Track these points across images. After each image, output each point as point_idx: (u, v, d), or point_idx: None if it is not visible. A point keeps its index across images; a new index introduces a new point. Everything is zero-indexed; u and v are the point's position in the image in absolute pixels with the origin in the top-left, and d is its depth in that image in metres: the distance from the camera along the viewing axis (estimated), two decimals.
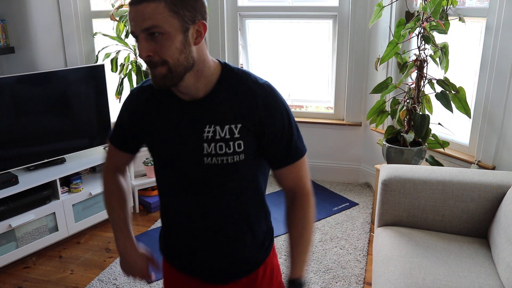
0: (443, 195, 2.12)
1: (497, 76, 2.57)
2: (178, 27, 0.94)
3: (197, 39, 0.99)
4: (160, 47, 0.94)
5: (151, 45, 0.94)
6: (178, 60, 0.96)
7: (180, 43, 0.96)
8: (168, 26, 0.93)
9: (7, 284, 2.55)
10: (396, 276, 1.79)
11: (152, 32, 0.93)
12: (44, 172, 2.85)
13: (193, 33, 0.98)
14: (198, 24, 0.99)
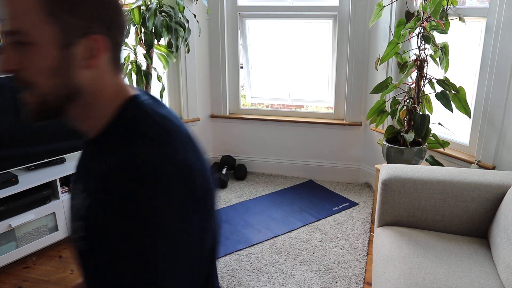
0: (443, 195, 2.12)
1: (497, 76, 2.57)
2: (53, 40, 0.65)
3: (89, 60, 0.68)
4: (25, 61, 0.65)
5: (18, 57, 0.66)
6: (48, 87, 0.67)
7: (51, 62, 0.66)
8: (38, 34, 0.64)
9: (7, 284, 2.55)
10: (396, 276, 1.79)
11: (17, 41, 0.65)
12: (44, 172, 2.85)
13: (81, 52, 0.67)
14: (93, 39, 0.67)
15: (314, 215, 3.24)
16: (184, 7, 3.24)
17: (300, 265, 2.65)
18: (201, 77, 3.80)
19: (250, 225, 3.10)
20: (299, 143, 3.84)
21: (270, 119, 3.83)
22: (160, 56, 3.33)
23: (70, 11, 0.64)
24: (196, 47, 3.67)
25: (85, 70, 0.68)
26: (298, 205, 3.40)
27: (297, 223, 3.12)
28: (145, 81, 3.16)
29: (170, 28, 3.07)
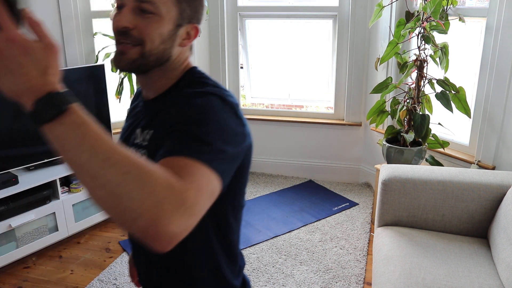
0: (443, 195, 2.12)
1: (497, 76, 2.57)
2: (173, 18, 0.86)
3: (184, 40, 0.90)
4: (145, 25, 0.84)
5: (135, 19, 0.83)
6: (156, 48, 0.86)
7: (167, 33, 0.86)
8: (165, 10, 0.84)
9: (7, 284, 2.55)
10: (396, 276, 1.79)
11: (144, 9, 0.83)
12: (44, 172, 2.85)
13: (183, 33, 0.89)
14: (192, 27, 0.90)
15: (314, 215, 3.24)
16: None
17: (300, 265, 2.65)
18: None
19: (250, 225, 3.10)
20: (299, 143, 3.84)
21: (270, 119, 3.84)
22: None
23: (188, 3, 0.87)
24: (196, 47, 3.67)
25: (179, 46, 0.90)
26: (298, 205, 3.40)
27: (297, 223, 3.12)
28: None
29: None
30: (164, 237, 0.58)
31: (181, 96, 0.86)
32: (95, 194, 0.59)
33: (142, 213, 0.57)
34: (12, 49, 0.57)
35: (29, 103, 0.59)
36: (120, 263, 2.70)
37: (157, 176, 0.60)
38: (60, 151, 0.61)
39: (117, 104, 3.25)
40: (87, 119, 0.63)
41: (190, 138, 0.74)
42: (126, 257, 2.77)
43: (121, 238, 3.01)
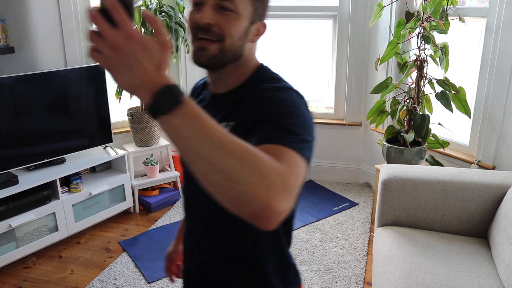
0: (443, 195, 2.12)
1: (497, 76, 2.57)
2: (249, 15, 0.92)
3: (255, 37, 0.97)
4: (226, 22, 0.90)
5: (216, 16, 0.90)
6: (234, 44, 0.92)
7: (244, 29, 0.93)
8: (242, 8, 0.91)
9: (7, 284, 2.55)
10: (396, 276, 1.79)
11: (224, 6, 0.89)
12: (44, 172, 2.85)
13: (254, 30, 0.96)
14: (262, 24, 0.98)
15: (314, 215, 3.24)
16: (184, 8, 3.24)
17: (300, 265, 2.65)
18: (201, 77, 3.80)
19: None
20: None
21: None
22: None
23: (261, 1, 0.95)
24: None
25: (250, 42, 0.97)
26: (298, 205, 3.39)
27: (297, 223, 3.12)
28: None
29: (170, 28, 3.07)
30: (273, 217, 0.64)
31: (261, 90, 0.93)
32: (211, 180, 0.63)
33: (256, 196, 0.61)
34: (132, 46, 0.59)
35: (146, 96, 0.62)
36: (120, 263, 2.70)
37: (267, 162, 0.65)
38: (177, 141, 0.63)
39: (117, 104, 3.25)
40: (199, 109, 0.64)
41: (281, 128, 0.81)
42: (126, 257, 2.77)
43: (121, 238, 3.01)
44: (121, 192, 3.22)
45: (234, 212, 0.65)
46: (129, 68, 0.60)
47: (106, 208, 3.14)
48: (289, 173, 0.69)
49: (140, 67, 0.60)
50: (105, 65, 0.61)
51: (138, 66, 0.60)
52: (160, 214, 3.33)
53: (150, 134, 3.35)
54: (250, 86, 0.97)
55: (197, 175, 0.64)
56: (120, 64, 0.60)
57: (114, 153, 3.18)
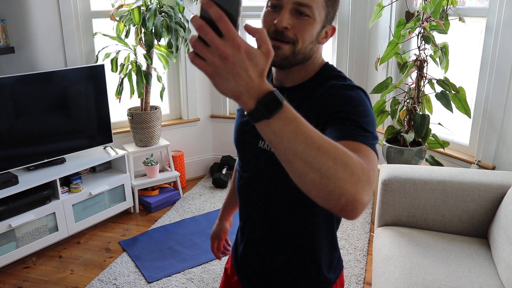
0: (443, 195, 2.12)
1: (497, 76, 2.57)
2: (322, 20, 0.98)
3: (323, 39, 1.03)
4: (301, 27, 0.95)
5: (292, 21, 0.95)
6: (306, 47, 0.98)
7: (316, 34, 0.98)
8: (317, 13, 0.96)
9: (7, 284, 2.55)
10: (396, 276, 1.80)
11: (301, 11, 0.94)
12: (44, 172, 2.85)
13: (324, 32, 1.01)
14: (331, 27, 1.03)
15: None
16: (184, 8, 3.24)
17: None
18: (201, 77, 3.80)
19: None
20: None
21: None
22: (160, 56, 3.33)
23: (333, 7, 1.00)
24: None
25: (318, 44, 1.02)
26: None
27: None
28: (145, 81, 3.16)
29: (170, 28, 3.07)
30: (359, 208, 0.70)
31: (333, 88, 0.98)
32: (308, 177, 0.68)
33: (346, 190, 0.68)
34: (239, 55, 0.62)
35: (250, 102, 0.66)
36: (120, 263, 2.70)
37: (354, 160, 0.71)
38: (276, 143, 0.67)
39: (117, 104, 3.26)
40: (297, 113, 0.69)
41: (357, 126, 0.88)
42: (126, 257, 2.77)
43: (121, 238, 3.01)
44: (121, 192, 3.22)
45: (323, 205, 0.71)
46: (235, 76, 0.63)
47: (106, 208, 3.14)
48: (370, 168, 0.75)
49: (246, 75, 0.64)
50: (210, 73, 0.63)
51: (244, 74, 0.63)
52: (160, 214, 3.33)
53: (150, 134, 3.35)
54: (317, 83, 1.03)
55: (294, 173, 0.69)
56: (227, 72, 0.63)
57: (114, 153, 3.18)
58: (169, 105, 3.80)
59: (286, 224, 1.10)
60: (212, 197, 3.57)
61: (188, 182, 3.88)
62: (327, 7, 0.98)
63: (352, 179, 0.68)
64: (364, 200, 0.70)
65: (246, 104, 0.66)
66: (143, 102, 3.34)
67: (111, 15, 3.11)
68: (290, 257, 1.11)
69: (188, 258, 2.74)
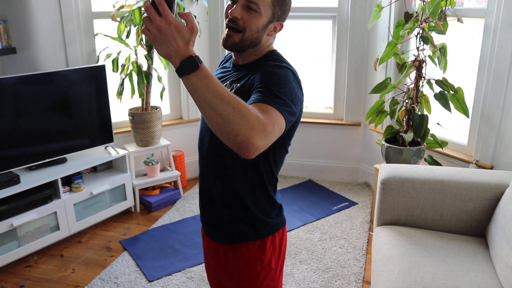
0: (441, 195, 2.14)
1: (495, 76, 2.59)
2: (268, 16, 1.22)
3: (271, 32, 1.28)
4: (248, 18, 1.21)
5: (243, 13, 1.21)
6: (252, 36, 1.23)
7: (261, 26, 1.23)
8: (264, 10, 1.21)
9: (9, 283, 2.56)
10: (395, 275, 1.81)
11: (250, 6, 1.19)
12: (45, 172, 2.86)
13: (271, 27, 1.26)
14: (279, 24, 1.28)
15: (314, 214, 3.26)
16: (185, 8, 3.25)
17: (300, 264, 2.66)
18: None
19: None
20: (298, 143, 3.85)
21: None
22: (161, 57, 3.34)
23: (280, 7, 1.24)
24: (196, 47, 3.68)
25: (268, 36, 1.28)
26: (297, 204, 3.42)
27: (296, 223, 3.14)
28: (145, 82, 3.18)
29: None
30: (252, 149, 0.94)
31: (265, 66, 1.23)
32: (213, 120, 0.93)
33: (240, 132, 0.92)
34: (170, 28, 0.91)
35: (177, 62, 0.93)
36: (121, 262, 2.72)
37: (251, 112, 0.95)
38: (193, 93, 0.93)
39: (117, 104, 3.27)
40: (211, 73, 0.94)
41: (271, 93, 1.11)
42: (127, 256, 2.79)
43: (122, 237, 3.02)
44: (122, 191, 3.24)
45: (227, 144, 0.95)
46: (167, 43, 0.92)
47: (107, 207, 3.15)
48: (267, 122, 0.99)
49: (175, 43, 0.92)
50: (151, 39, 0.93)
51: (173, 42, 0.92)
52: (160, 213, 3.35)
53: (150, 134, 3.37)
54: (259, 63, 1.28)
55: (205, 116, 0.94)
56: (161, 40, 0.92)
57: (115, 153, 3.19)
58: (170, 105, 3.81)
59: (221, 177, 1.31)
60: None
61: (189, 182, 3.90)
62: (273, 6, 1.22)
63: (247, 125, 0.92)
64: (257, 144, 0.94)
65: (174, 63, 0.93)
66: (144, 102, 3.35)
67: (112, 16, 3.12)
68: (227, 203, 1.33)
69: (188, 257, 2.76)
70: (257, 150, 0.95)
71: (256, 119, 0.94)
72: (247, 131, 0.92)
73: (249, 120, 0.93)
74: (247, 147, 0.93)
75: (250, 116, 0.93)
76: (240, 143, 0.92)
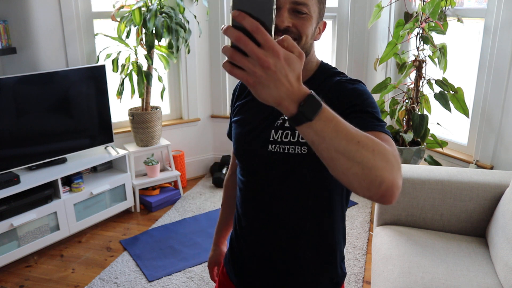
0: (441, 195, 2.14)
1: (495, 76, 2.59)
2: (316, 16, 1.03)
3: (318, 35, 1.07)
4: (302, 23, 1.00)
5: (292, 19, 1.00)
6: (307, 43, 1.03)
7: (313, 29, 1.04)
8: (313, 11, 1.01)
9: (9, 283, 2.56)
10: (395, 275, 1.81)
11: (299, 10, 0.99)
12: (45, 172, 2.86)
13: (317, 28, 1.06)
14: (323, 23, 1.08)
15: None
16: (185, 8, 3.26)
17: None
18: (202, 78, 3.82)
19: None
20: None
21: None
22: (161, 57, 3.35)
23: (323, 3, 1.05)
24: (197, 47, 3.69)
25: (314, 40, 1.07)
26: None
27: None
28: (145, 82, 3.18)
29: (170, 29, 3.09)
30: (396, 192, 0.75)
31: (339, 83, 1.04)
32: (351, 171, 0.71)
33: (385, 178, 0.73)
34: (279, 62, 0.63)
35: (291, 107, 0.66)
36: (121, 262, 2.72)
37: (387, 148, 0.76)
38: (319, 143, 0.70)
39: (118, 104, 3.27)
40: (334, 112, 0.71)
41: (373, 117, 0.95)
42: (127, 256, 2.79)
43: (122, 237, 3.02)
44: (122, 191, 3.24)
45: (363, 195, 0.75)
46: (277, 83, 0.64)
47: (107, 207, 3.15)
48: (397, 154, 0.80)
49: (286, 81, 0.65)
50: (252, 82, 0.64)
51: (285, 81, 0.64)
52: (160, 213, 3.35)
53: (150, 134, 3.37)
54: (319, 81, 1.07)
55: (336, 169, 0.72)
56: (268, 80, 0.63)
57: (115, 153, 3.19)
58: (170, 105, 3.81)
59: (305, 224, 1.10)
60: (212, 197, 3.59)
61: (189, 182, 3.90)
62: (319, 3, 1.03)
63: (388, 167, 0.74)
64: (400, 184, 0.76)
65: (288, 109, 0.67)
66: (144, 102, 3.35)
67: (112, 16, 3.12)
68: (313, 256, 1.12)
69: (188, 257, 2.76)
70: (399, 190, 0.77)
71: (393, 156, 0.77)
72: (390, 174, 0.74)
73: (389, 160, 0.75)
74: (392, 192, 0.75)
75: (388, 155, 0.75)
76: (385, 191, 0.74)
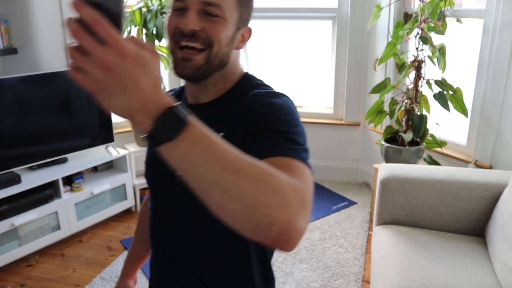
0: (441, 194, 2.15)
1: (494, 76, 2.60)
2: (235, 21, 0.87)
3: (240, 43, 0.92)
4: (213, 27, 0.83)
5: (201, 22, 0.83)
6: (221, 51, 0.86)
7: (230, 36, 0.87)
8: (229, 14, 0.85)
9: (10, 282, 2.57)
10: (394, 274, 1.82)
11: (210, 12, 0.83)
12: (46, 172, 2.87)
13: (240, 36, 0.91)
14: (247, 30, 0.94)
15: (314, 214, 3.27)
16: None
17: (300, 263, 2.68)
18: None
19: None
20: None
21: None
22: (161, 57, 3.35)
23: (246, 7, 0.90)
24: None
25: (235, 49, 0.91)
26: None
27: None
28: None
29: None
30: (295, 237, 0.58)
31: (256, 97, 0.87)
32: (228, 208, 0.56)
33: (277, 218, 0.56)
34: (125, 63, 0.49)
35: (147, 122, 0.52)
36: (121, 261, 2.73)
37: (283, 180, 0.59)
38: (186, 170, 0.55)
39: None
40: (207, 130, 0.56)
41: (286, 139, 0.76)
42: None
43: (122, 236, 3.03)
44: (123, 191, 3.25)
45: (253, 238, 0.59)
46: (124, 91, 0.50)
47: (107, 207, 3.16)
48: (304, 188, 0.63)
49: (137, 88, 0.50)
50: (93, 89, 0.49)
51: (134, 87, 0.50)
52: None
53: None
54: (238, 94, 0.90)
55: (211, 204, 0.57)
56: (112, 86, 0.49)
57: (116, 153, 3.20)
58: None
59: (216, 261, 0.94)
60: None
61: None
62: (239, 7, 0.87)
63: (283, 204, 0.57)
64: (300, 227, 0.58)
65: (142, 124, 0.52)
66: None
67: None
68: None
69: None
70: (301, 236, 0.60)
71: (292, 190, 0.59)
72: (285, 214, 0.57)
73: (286, 196, 0.58)
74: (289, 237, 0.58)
75: (284, 188, 0.58)
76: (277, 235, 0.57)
